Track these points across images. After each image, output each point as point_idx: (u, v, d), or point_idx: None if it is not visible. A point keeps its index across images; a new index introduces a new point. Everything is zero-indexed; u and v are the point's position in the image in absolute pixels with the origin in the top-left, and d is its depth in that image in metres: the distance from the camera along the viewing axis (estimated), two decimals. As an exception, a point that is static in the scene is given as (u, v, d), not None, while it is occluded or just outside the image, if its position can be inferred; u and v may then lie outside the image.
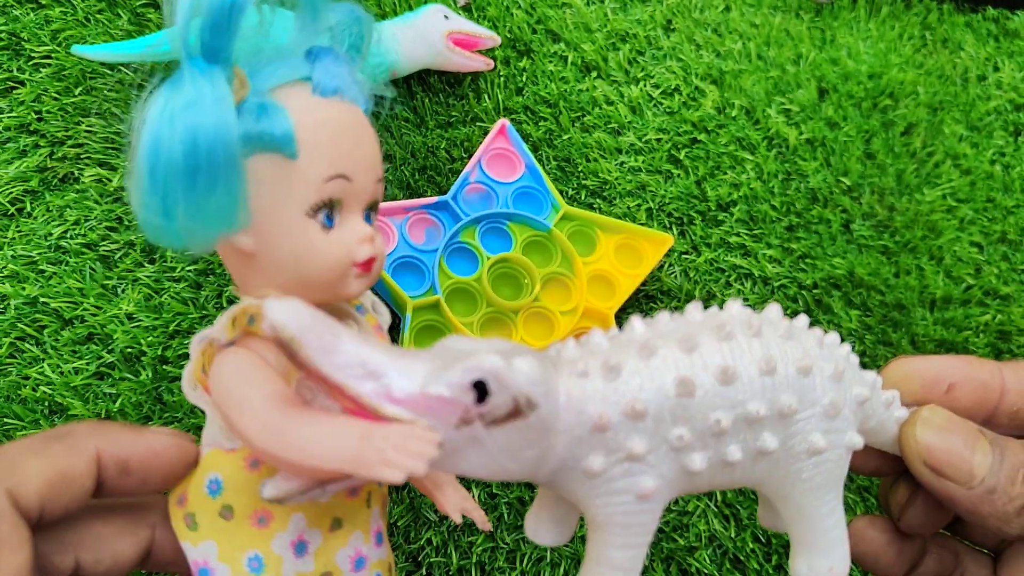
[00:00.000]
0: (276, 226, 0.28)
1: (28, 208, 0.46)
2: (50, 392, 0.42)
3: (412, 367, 0.24)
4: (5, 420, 0.41)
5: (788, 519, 0.29)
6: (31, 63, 0.50)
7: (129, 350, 0.44)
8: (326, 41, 0.30)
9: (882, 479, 0.34)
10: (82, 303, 0.44)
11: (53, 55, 0.50)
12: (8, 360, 0.43)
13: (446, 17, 0.52)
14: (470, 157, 0.52)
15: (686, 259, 0.53)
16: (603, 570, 0.26)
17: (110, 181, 0.48)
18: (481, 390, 0.23)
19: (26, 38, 0.50)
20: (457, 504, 0.35)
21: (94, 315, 0.44)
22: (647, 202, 0.54)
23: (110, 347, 0.44)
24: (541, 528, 0.30)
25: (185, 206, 0.26)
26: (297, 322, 0.23)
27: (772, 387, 0.26)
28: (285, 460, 0.26)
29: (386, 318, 0.34)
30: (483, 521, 0.35)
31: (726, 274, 0.53)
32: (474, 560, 0.44)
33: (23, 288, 0.44)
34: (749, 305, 0.31)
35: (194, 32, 0.26)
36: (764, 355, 0.26)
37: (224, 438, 0.30)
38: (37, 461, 0.26)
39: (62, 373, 0.43)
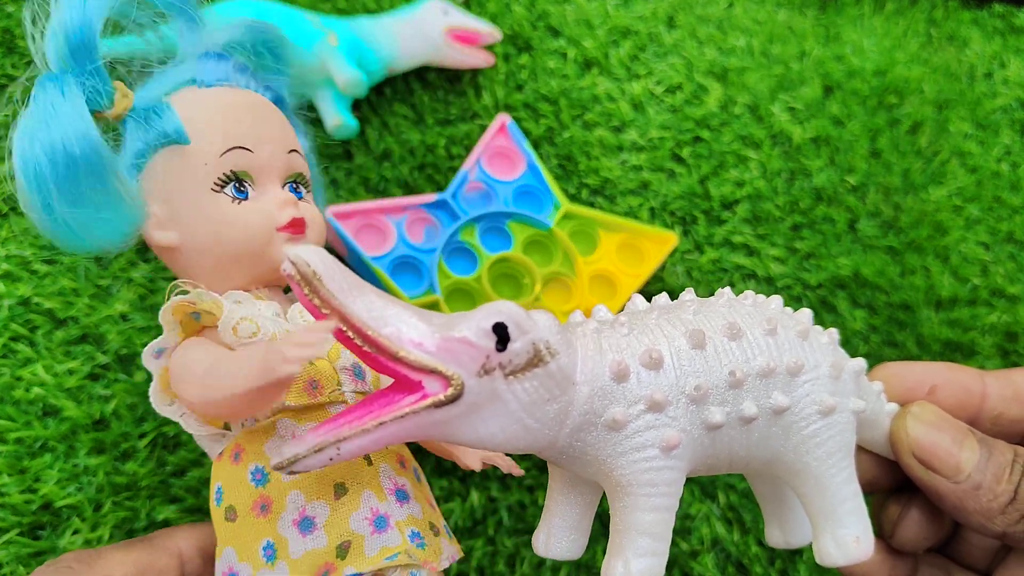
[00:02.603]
0: (189, 210, 0.30)
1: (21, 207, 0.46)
2: (43, 393, 0.42)
3: (432, 318, 0.24)
4: (-3, 422, 0.41)
5: (807, 497, 0.29)
6: (25, 60, 0.49)
7: (123, 351, 0.43)
8: (220, 48, 0.32)
9: (874, 498, 0.34)
10: (75, 303, 0.44)
11: (47, 51, 0.49)
12: (0, 361, 0.42)
13: (445, 13, 0.51)
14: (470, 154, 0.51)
15: (689, 258, 0.53)
16: (632, 537, 0.26)
17: (105, 179, 0.47)
18: (502, 335, 0.23)
19: (19, 35, 0.49)
20: (478, 455, 0.35)
21: (88, 315, 0.44)
22: (649, 201, 0.53)
23: (104, 348, 0.43)
24: (553, 539, 0.29)
25: (69, 213, 0.27)
26: (320, 260, 0.23)
27: (776, 346, 0.27)
28: (220, 403, 0.26)
29: None
30: (509, 465, 0.35)
31: (729, 274, 0.53)
32: (474, 564, 0.43)
33: (16, 288, 0.44)
34: None
35: (55, 52, 0.28)
36: (765, 317, 0.28)
37: (209, 446, 0.30)
38: (121, 555, 0.29)
39: (55, 374, 0.42)
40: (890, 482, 0.33)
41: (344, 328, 0.23)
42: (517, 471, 0.35)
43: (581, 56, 0.57)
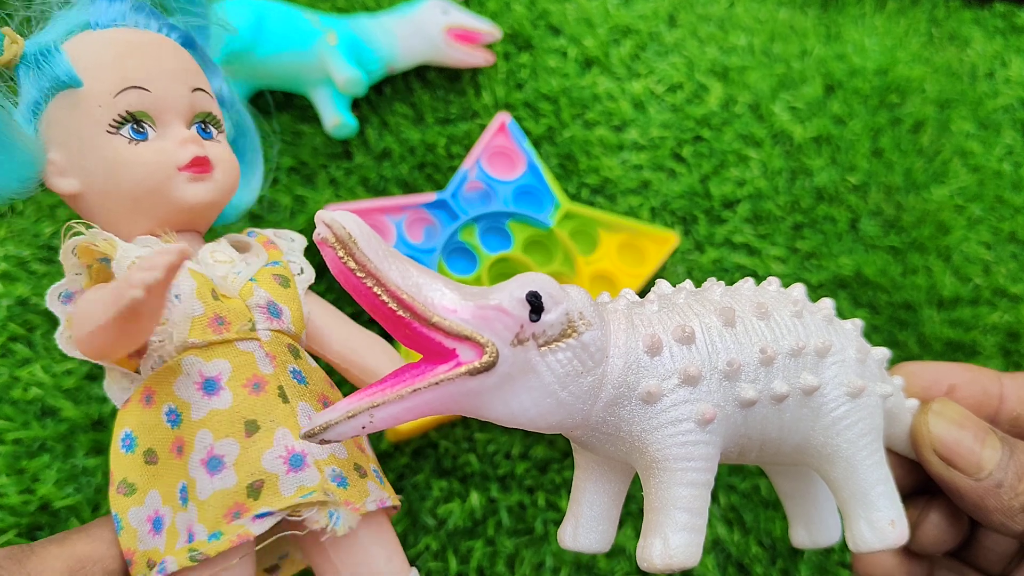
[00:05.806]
0: (86, 154, 0.29)
1: (19, 207, 0.46)
2: (41, 393, 0.42)
3: (464, 288, 0.24)
4: (-5, 422, 0.41)
5: (837, 482, 0.29)
6: (23, 58, 0.49)
7: (122, 351, 0.43)
8: None
9: None
10: (74, 303, 0.44)
11: (45, 50, 0.49)
12: (-2, 361, 0.42)
13: (445, 11, 0.51)
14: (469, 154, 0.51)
15: (690, 258, 0.52)
16: (669, 512, 0.25)
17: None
18: (536, 305, 0.23)
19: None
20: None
21: (86, 315, 0.44)
22: (650, 200, 0.53)
23: (102, 348, 0.43)
24: (582, 530, 0.28)
25: None
26: (356, 225, 0.22)
27: (803, 327, 0.28)
28: (87, 340, 0.26)
29: (300, 242, 0.35)
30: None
31: (730, 273, 0.52)
32: (473, 565, 0.43)
33: (14, 288, 0.43)
34: None
35: None
36: (792, 299, 0.28)
37: (117, 395, 0.30)
38: (56, 548, 0.28)
39: (53, 375, 0.42)
40: (910, 484, 0.33)
41: (379, 292, 0.22)
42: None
43: (582, 55, 0.57)
